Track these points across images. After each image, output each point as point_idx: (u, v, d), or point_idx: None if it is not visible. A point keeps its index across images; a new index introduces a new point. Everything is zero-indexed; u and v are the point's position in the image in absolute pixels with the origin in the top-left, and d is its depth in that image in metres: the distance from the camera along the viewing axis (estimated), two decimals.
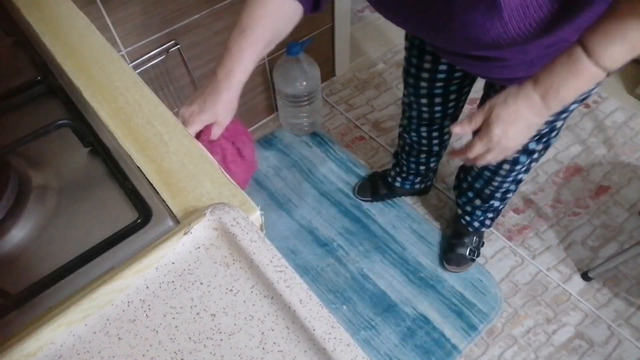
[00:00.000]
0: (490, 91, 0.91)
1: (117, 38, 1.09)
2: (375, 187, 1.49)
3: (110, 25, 1.06)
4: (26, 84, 0.59)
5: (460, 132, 0.66)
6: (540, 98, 0.61)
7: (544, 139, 0.94)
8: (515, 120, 0.63)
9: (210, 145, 0.68)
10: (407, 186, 1.45)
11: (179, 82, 1.30)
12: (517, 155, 0.98)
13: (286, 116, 1.63)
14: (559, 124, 0.90)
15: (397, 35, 1.95)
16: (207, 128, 0.66)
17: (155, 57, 1.18)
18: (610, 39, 0.55)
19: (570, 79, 0.58)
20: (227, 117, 0.68)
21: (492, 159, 0.67)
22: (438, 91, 1.04)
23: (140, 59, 1.17)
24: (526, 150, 0.97)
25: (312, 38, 1.56)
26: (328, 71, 1.78)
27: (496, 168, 1.06)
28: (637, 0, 0.51)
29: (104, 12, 1.03)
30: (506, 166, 1.03)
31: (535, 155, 0.99)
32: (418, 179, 1.41)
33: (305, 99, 1.53)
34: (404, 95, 1.16)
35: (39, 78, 0.59)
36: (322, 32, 1.59)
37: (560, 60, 0.59)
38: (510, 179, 1.07)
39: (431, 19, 0.65)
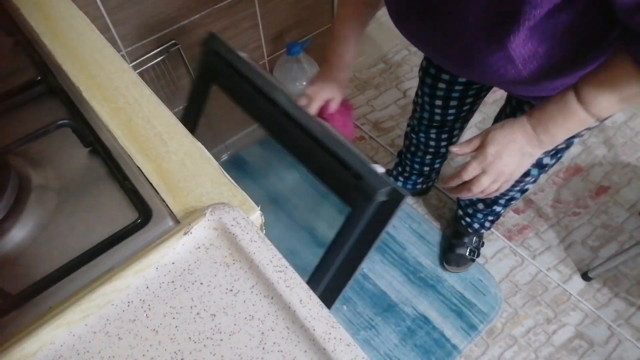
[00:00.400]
0: (512, 100, 0.90)
1: (117, 38, 1.09)
2: None
3: (110, 25, 1.06)
4: (26, 84, 0.59)
5: (458, 152, 0.70)
6: (533, 130, 0.64)
7: (559, 155, 0.92)
8: (509, 143, 0.65)
9: (330, 117, 0.86)
10: (409, 186, 1.45)
11: (179, 82, 1.30)
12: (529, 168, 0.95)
13: None
14: (575, 139, 0.85)
15: (397, 36, 1.95)
16: (327, 104, 0.83)
17: (155, 57, 1.18)
18: (601, 90, 0.58)
19: (560, 119, 0.62)
20: (341, 93, 0.84)
21: (486, 182, 0.68)
22: (455, 94, 1.01)
23: (140, 59, 1.17)
24: (539, 164, 0.94)
25: (312, 38, 1.56)
26: None
27: None
28: (628, 60, 0.55)
29: (104, 12, 1.03)
30: None
31: (547, 169, 0.97)
32: (420, 179, 1.41)
33: None
34: (417, 95, 1.12)
35: (39, 78, 0.59)
36: (322, 32, 1.59)
37: (554, 99, 0.62)
38: (517, 188, 1.06)
39: (453, 58, 0.70)
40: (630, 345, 1.19)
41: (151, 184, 0.49)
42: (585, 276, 1.30)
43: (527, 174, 0.98)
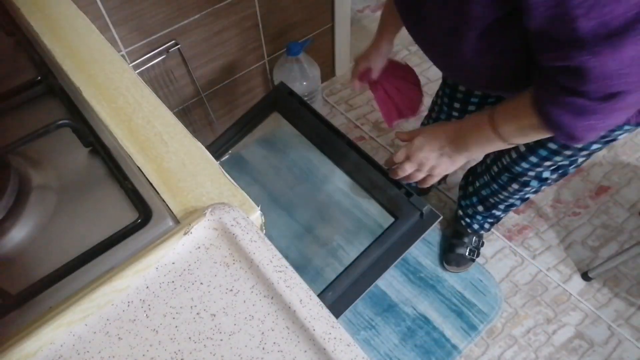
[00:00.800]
0: None
1: (117, 38, 1.09)
2: None
3: (110, 25, 1.06)
4: (26, 84, 0.59)
5: (399, 137, 0.82)
6: (455, 134, 0.72)
7: (561, 170, 0.92)
8: (433, 139, 0.74)
9: (372, 86, 1.04)
10: (412, 184, 1.45)
11: (179, 82, 1.30)
12: (528, 179, 0.97)
13: None
14: (580, 159, 0.86)
15: (397, 36, 1.95)
16: (367, 72, 1.02)
17: (155, 57, 1.18)
18: (506, 115, 0.64)
19: (474, 133, 0.69)
20: (379, 63, 0.99)
21: (409, 168, 0.79)
22: (474, 100, 1.01)
23: (140, 59, 1.17)
24: (538, 177, 0.95)
25: (312, 38, 1.56)
26: (328, 71, 1.78)
27: (505, 184, 1.04)
28: (530, 96, 0.59)
29: (104, 12, 1.03)
30: (515, 185, 1.01)
31: (549, 182, 0.98)
32: None
33: (305, 98, 1.53)
34: (437, 95, 1.12)
35: (39, 78, 0.59)
36: (322, 32, 1.59)
37: (476, 114, 0.69)
38: (517, 196, 1.06)
39: (438, 59, 0.76)
40: (630, 345, 1.19)
41: (151, 184, 0.49)
42: (585, 276, 1.30)
43: (526, 184, 0.98)
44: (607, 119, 0.54)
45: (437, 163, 0.76)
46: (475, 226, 1.29)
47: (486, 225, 1.28)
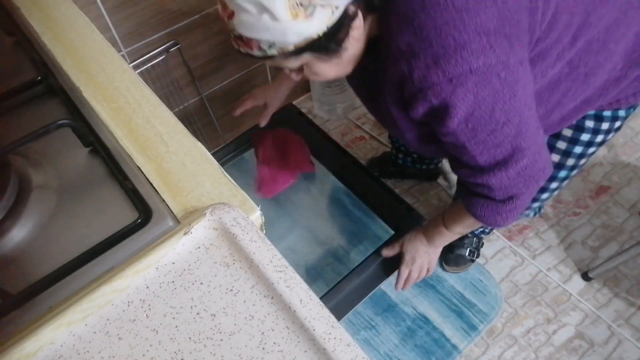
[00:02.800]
0: None
1: (117, 38, 1.09)
2: (384, 164, 1.53)
3: (110, 25, 1.06)
4: (26, 84, 0.59)
5: (387, 254, 1.05)
6: (426, 240, 0.98)
7: (562, 178, 0.96)
8: (417, 252, 1.00)
9: (289, 152, 1.15)
10: (409, 163, 1.45)
11: (179, 82, 1.30)
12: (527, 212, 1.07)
13: (322, 103, 1.70)
14: (582, 162, 0.93)
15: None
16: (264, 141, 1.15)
17: (155, 57, 1.18)
18: (453, 218, 0.89)
19: (436, 235, 0.95)
20: (275, 102, 1.08)
21: (415, 276, 1.03)
22: None
23: (141, 59, 1.17)
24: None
25: None
26: None
27: None
28: (463, 204, 0.81)
29: (104, 12, 1.03)
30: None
31: (538, 202, 1.02)
32: (416, 155, 1.42)
33: (337, 86, 1.61)
34: None
35: (39, 78, 0.59)
36: None
37: (435, 220, 0.96)
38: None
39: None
40: (630, 345, 1.19)
41: (151, 183, 0.49)
42: (585, 276, 1.30)
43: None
44: (514, 212, 0.75)
45: (430, 260, 1.02)
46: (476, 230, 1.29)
47: (486, 229, 1.28)
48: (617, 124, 0.86)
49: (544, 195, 0.99)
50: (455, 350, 1.20)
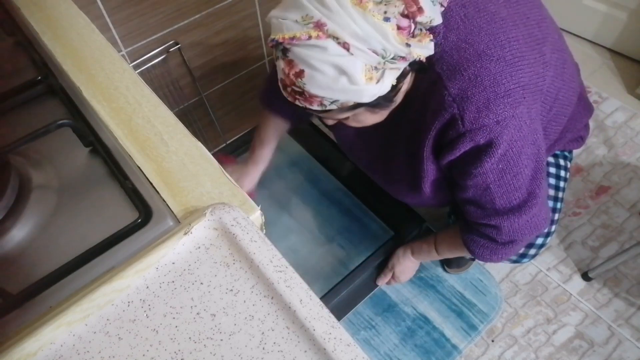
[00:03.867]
0: None
1: (117, 38, 1.09)
2: None
3: (111, 25, 1.06)
4: (26, 84, 0.59)
5: (381, 284, 1.23)
6: (412, 255, 1.10)
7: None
8: (405, 269, 1.16)
9: None
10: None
11: (179, 82, 1.30)
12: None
13: None
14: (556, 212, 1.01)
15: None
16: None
17: (155, 57, 1.18)
18: (444, 242, 0.99)
19: (424, 252, 1.06)
20: (247, 187, 1.07)
21: (401, 282, 1.23)
22: None
23: (141, 59, 1.17)
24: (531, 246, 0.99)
25: None
26: None
27: None
28: (460, 237, 0.88)
29: (104, 12, 1.03)
30: None
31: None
32: None
33: None
34: None
35: (39, 78, 0.59)
36: None
37: (426, 244, 1.05)
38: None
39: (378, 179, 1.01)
40: (630, 345, 1.19)
41: (151, 183, 0.49)
42: (585, 276, 1.30)
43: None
44: (509, 254, 0.84)
45: (412, 272, 1.21)
46: None
47: None
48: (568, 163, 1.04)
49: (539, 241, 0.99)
50: (455, 350, 1.20)
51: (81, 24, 0.67)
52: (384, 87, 0.59)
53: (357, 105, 0.62)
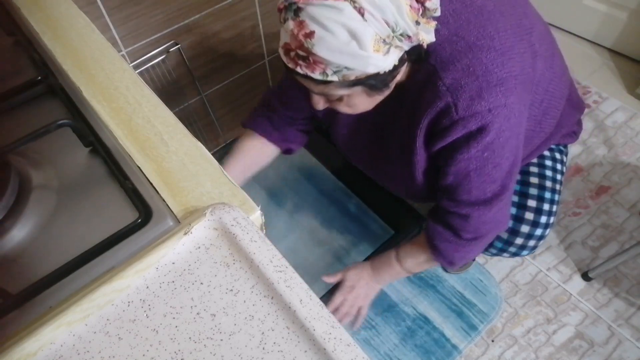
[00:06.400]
0: None
1: (117, 38, 1.09)
2: None
3: (111, 25, 1.06)
4: (26, 84, 0.59)
5: (328, 280, 1.04)
6: (372, 271, 1.01)
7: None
8: (359, 280, 1.02)
9: None
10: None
11: (179, 82, 1.30)
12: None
13: None
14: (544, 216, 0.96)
15: None
16: None
17: (155, 57, 1.18)
18: (407, 253, 0.95)
19: (385, 268, 0.99)
20: None
21: (347, 307, 1.01)
22: None
23: (141, 59, 1.17)
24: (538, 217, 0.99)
25: None
26: None
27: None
28: (423, 236, 0.89)
29: (104, 12, 1.03)
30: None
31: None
32: None
33: None
34: None
35: (39, 78, 0.59)
36: None
37: (386, 252, 0.99)
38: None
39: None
40: (630, 345, 1.19)
41: (151, 183, 0.49)
42: (585, 276, 1.30)
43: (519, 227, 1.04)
44: (471, 252, 0.85)
45: (367, 294, 1.03)
46: None
47: None
48: (565, 157, 1.04)
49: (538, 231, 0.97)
50: (455, 350, 1.20)
51: (81, 24, 0.67)
52: (388, 62, 0.60)
53: (358, 82, 0.62)
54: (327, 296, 1.06)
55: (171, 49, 1.19)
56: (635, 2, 1.63)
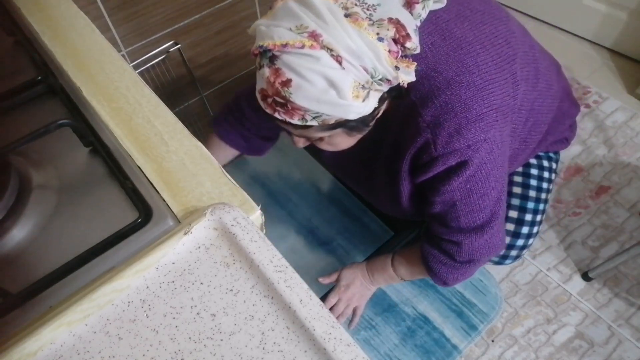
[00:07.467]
0: None
1: (117, 38, 1.09)
2: None
3: (111, 25, 1.06)
4: (26, 84, 0.59)
5: (323, 281, 1.08)
6: (368, 273, 1.01)
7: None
8: (355, 280, 1.02)
9: None
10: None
11: (179, 82, 1.30)
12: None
13: None
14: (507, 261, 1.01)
15: None
16: None
17: (155, 57, 1.18)
18: (403, 261, 0.95)
19: (380, 271, 0.99)
20: None
21: (342, 307, 1.04)
22: None
23: (141, 59, 1.17)
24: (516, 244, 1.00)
25: None
26: None
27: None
28: (420, 254, 0.88)
29: (104, 12, 1.03)
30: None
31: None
32: None
33: None
34: None
35: (39, 78, 0.59)
36: None
37: (383, 256, 1.00)
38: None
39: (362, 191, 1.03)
40: (631, 345, 1.19)
41: (151, 183, 0.49)
42: (585, 276, 1.30)
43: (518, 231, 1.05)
44: (466, 274, 0.85)
45: (362, 295, 1.04)
46: None
47: None
48: (554, 164, 1.04)
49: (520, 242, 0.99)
50: (455, 350, 1.20)
51: (81, 24, 0.67)
52: (368, 107, 0.59)
53: (338, 125, 0.61)
54: (326, 296, 1.06)
55: (171, 49, 1.19)
56: (635, 2, 1.63)
